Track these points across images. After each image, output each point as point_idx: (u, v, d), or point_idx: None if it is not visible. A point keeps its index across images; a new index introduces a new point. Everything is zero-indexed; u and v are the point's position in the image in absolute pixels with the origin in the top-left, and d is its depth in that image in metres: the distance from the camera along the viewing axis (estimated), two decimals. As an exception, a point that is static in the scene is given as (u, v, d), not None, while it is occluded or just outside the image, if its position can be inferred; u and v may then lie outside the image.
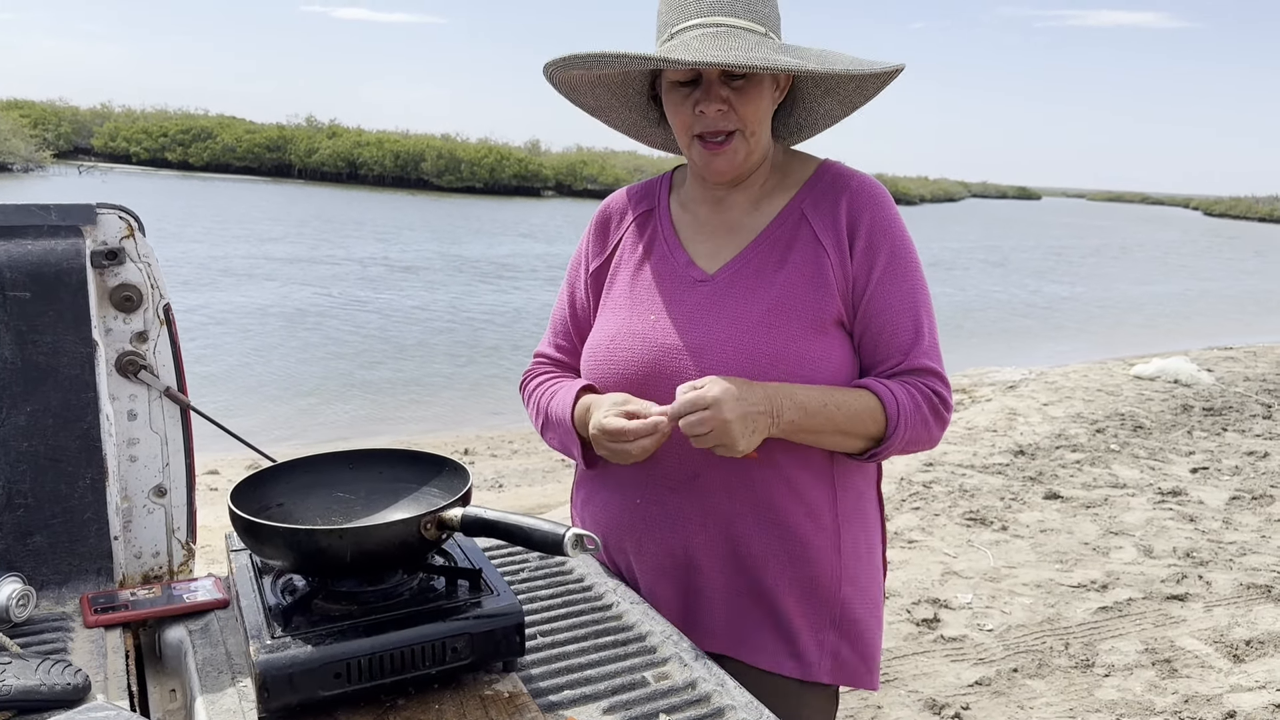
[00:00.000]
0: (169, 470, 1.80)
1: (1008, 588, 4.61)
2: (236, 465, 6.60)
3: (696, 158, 1.57)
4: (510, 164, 61.71)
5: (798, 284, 1.54)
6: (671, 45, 1.51)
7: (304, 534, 1.23)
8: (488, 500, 6.07)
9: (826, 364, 1.52)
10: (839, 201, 1.59)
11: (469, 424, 8.87)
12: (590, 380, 1.66)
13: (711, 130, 1.52)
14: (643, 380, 1.58)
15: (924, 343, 1.56)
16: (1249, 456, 7.17)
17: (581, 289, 1.77)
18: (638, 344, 1.60)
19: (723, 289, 1.58)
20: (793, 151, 1.71)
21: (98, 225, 1.68)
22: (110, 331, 1.72)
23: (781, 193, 1.63)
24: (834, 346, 1.54)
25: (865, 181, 1.61)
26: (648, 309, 1.63)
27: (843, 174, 1.63)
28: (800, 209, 1.60)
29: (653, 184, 1.78)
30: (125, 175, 49.47)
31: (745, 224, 1.63)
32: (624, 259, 1.72)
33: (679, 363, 1.56)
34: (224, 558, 1.46)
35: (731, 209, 1.65)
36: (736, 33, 1.49)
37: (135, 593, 1.50)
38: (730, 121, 1.51)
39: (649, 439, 1.47)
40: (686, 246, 1.66)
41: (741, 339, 1.53)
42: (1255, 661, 3.91)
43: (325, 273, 18.21)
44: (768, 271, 1.57)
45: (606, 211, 1.78)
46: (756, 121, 1.54)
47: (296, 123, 67.87)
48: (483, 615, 1.27)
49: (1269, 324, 17.42)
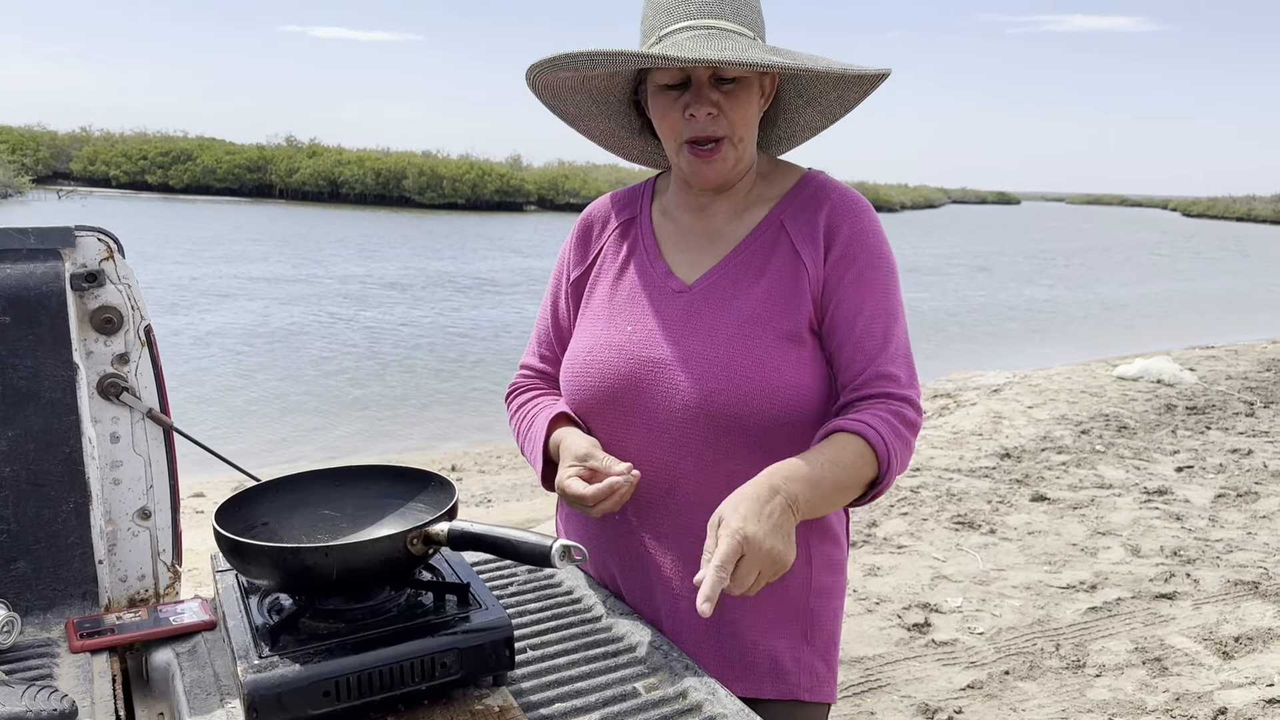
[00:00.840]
0: (153, 493, 1.79)
1: (997, 590, 4.62)
2: (222, 487, 6.56)
3: (685, 165, 1.54)
4: (492, 179, 61.76)
5: (774, 296, 1.52)
6: (662, 47, 1.48)
7: (289, 552, 1.22)
8: (476, 516, 6.05)
9: (800, 378, 1.50)
10: (819, 213, 1.56)
11: (456, 440, 8.85)
12: (568, 394, 1.64)
13: (702, 135, 1.49)
14: (619, 394, 1.56)
15: (890, 348, 1.51)
16: (1233, 454, 7.21)
17: (563, 299, 1.75)
18: (614, 356, 1.58)
19: (699, 300, 1.56)
20: (778, 160, 1.69)
21: (76, 248, 1.67)
22: (91, 354, 1.71)
23: (763, 203, 1.61)
24: (808, 360, 1.51)
25: (847, 194, 1.59)
26: (625, 320, 1.60)
27: (825, 185, 1.60)
28: (780, 220, 1.58)
29: (636, 190, 1.76)
30: (105, 199, 49.29)
31: (726, 233, 1.60)
32: (605, 268, 1.69)
33: (655, 376, 1.53)
34: (210, 579, 1.46)
35: (714, 216, 1.62)
36: (727, 35, 1.48)
37: (121, 616, 1.49)
38: (720, 126, 1.49)
39: (608, 501, 1.45)
40: (666, 256, 1.63)
41: (716, 353, 1.50)
42: (1244, 658, 3.93)
43: (308, 292, 18.17)
44: (745, 283, 1.55)
45: (589, 219, 1.76)
46: (745, 126, 1.52)
47: (277, 143, 67.81)
48: (471, 630, 1.27)
49: (1250, 322, 17.55)
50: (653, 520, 1.58)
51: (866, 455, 1.42)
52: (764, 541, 1.27)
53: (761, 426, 1.49)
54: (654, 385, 1.53)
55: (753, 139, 1.57)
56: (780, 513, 1.31)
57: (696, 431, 1.51)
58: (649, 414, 1.54)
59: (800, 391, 1.49)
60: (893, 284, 1.56)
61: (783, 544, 1.29)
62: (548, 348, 1.78)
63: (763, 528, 1.28)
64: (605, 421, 1.60)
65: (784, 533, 1.30)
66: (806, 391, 1.50)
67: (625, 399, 1.56)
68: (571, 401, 1.65)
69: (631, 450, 1.57)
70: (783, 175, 1.65)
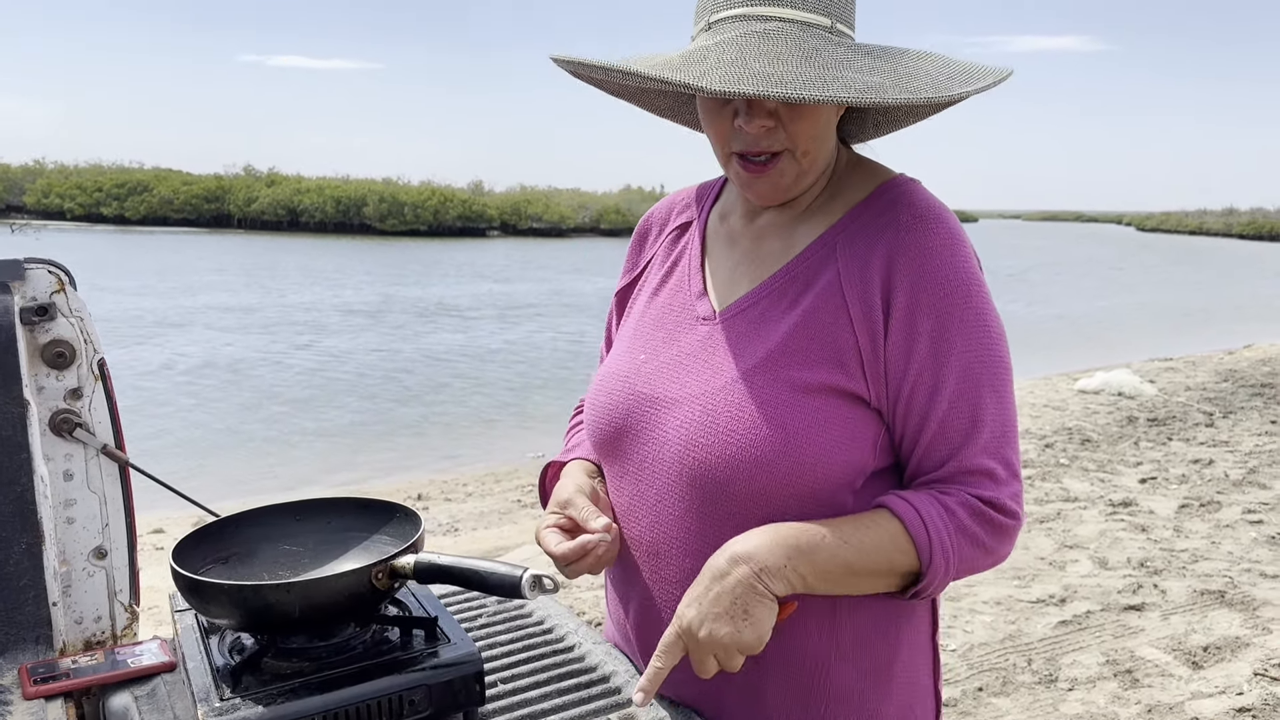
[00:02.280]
0: (109, 531, 1.74)
1: (968, 606, 4.63)
2: (181, 523, 6.45)
3: (735, 177, 1.28)
4: (454, 205, 61.80)
5: (799, 338, 1.22)
6: (703, 49, 1.16)
7: (250, 590, 1.19)
8: (443, 546, 5.99)
9: (814, 436, 1.18)
10: (878, 240, 1.22)
11: (421, 468, 8.77)
12: (585, 427, 1.45)
13: (753, 150, 1.21)
14: (613, 435, 1.35)
15: (984, 435, 1.19)
16: (1195, 464, 7.29)
17: (614, 313, 1.54)
18: (617, 389, 1.35)
19: (721, 332, 1.29)
20: (861, 159, 1.35)
21: (26, 281, 1.63)
22: (43, 390, 1.66)
23: (824, 216, 1.29)
24: (832, 418, 1.20)
25: (923, 218, 1.22)
26: (642, 346, 1.37)
27: (897, 202, 1.25)
28: (834, 243, 1.26)
29: (705, 188, 1.48)
30: (60, 232, 48.77)
31: (771, 253, 1.31)
32: (649, 279, 1.45)
33: (648, 418, 1.30)
34: (169, 619, 1.41)
35: (765, 228, 1.34)
36: (789, 31, 1.15)
37: (77, 660, 1.44)
38: (777, 140, 1.20)
39: (583, 562, 1.27)
40: (709, 271, 1.37)
41: (713, 396, 1.24)
42: (1214, 667, 3.95)
43: (267, 321, 18.02)
44: (773, 317, 1.26)
45: (648, 221, 1.53)
46: (811, 139, 1.21)
47: (235, 172, 67.47)
48: (440, 665, 1.24)
49: (1205, 334, 17.83)
50: (640, 587, 1.37)
51: (900, 541, 1.16)
52: (700, 628, 1.13)
53: (751, 497, 1.21)
54: (646, 429, 1.30)
55: (825, 149, 1.26)
56: (739, 589, 1.13)
57: (678, 492, 1.27)
58: (638, 463, 1.32)
59: (815, 454, 1.19)
60: (983, 342, 1.21)
61: (731, 626, 1.12)
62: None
63: (704, 612, 1.14)
64: (605, 464, 1.40)
65: (738, 611, 1.12)
66: (827, 456, 1.19)
67: (619, 441, 1.34)
68: (588, 435, 1.44)
69: (623, 502, 1.36)
70: (860, 180, 1.31)
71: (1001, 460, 1.21)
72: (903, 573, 1.19)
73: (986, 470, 1.20)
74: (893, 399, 1.21)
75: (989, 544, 1.21)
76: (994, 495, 1.19)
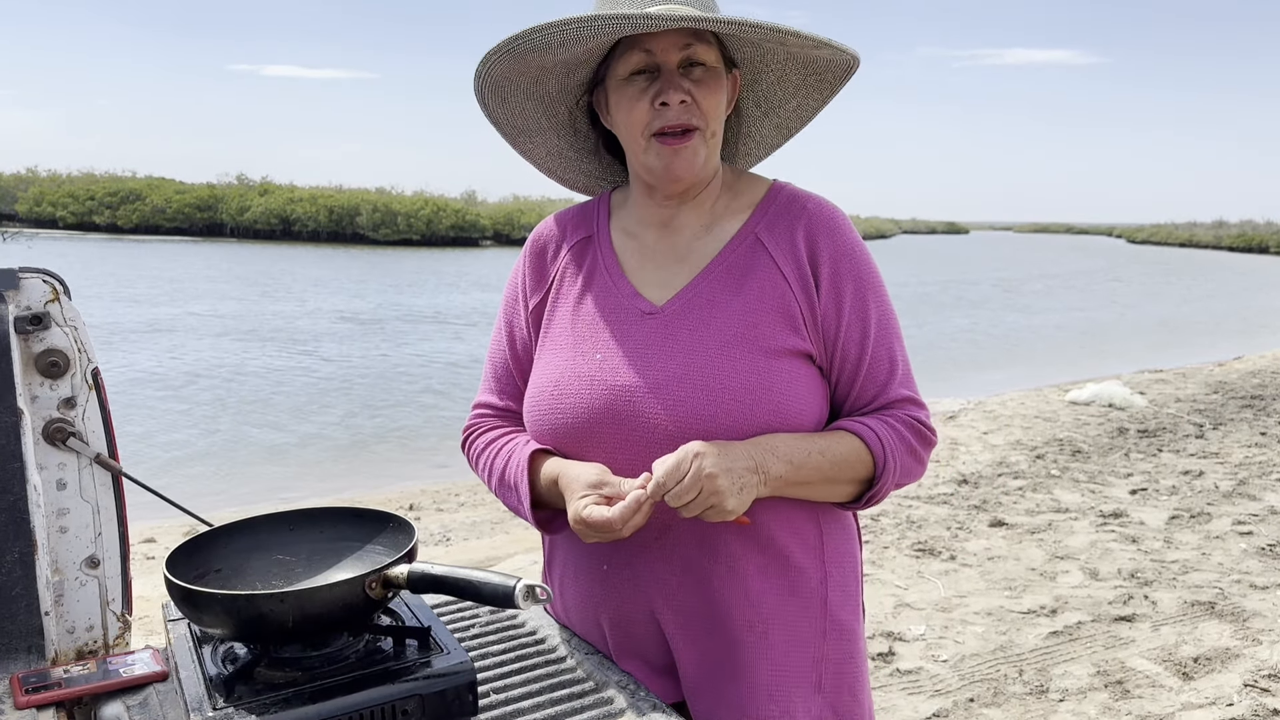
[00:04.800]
0: (102, 540, 1.74)
1: (959, 617, 4.63)
2: (174, 532, 6.43)
3: (654, 160, 1.44)
4: (447, 215, 61.80)
5: (757, 313, 1.43)
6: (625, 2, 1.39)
7: (243, 600, 1.19)
8: (435, 556, 5.97)
9: (792, 394, 1.41)
10: (795, 227, 1.48)
11: (413, 478, 8.75)
12: (537, 430, 1.52)
13: (675, 124, 1.40)
14: (595, 427, 1.44)
15: (899, 372, 1.48)
16: (1185, 476, 7.31)
17: (522, 327, 1.61)
18: (585, 387, 1.46)
19: (673, 320, 1.46)
20: (741, 172, 1.60)
21: (20, 290, 1.63)
22: (36, 399, 1.66)
23: (733, 216, 1.52)
24: (799, 376, 1.43)
25: (821, 205, 1.51)
26: (592, 347, 1.48)
27: (797, 196, 1.52)
28: (755, 233, 1.49)
29: (589, 208, 1.64)
30: (52, 240, 48.61)
31: (696, 250, 1.51)
32: (563, 292, 1.57)
33: (633, 404, 1.42)
34: (162, 628, 1.41)
35: (680, 232, 1.53)
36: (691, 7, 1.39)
37: (69, 670, 1.44)
38: (693, 115, 1.40)
39: (638, 517, 1.33)
40: (631, 276, 1.53)
41: (699, 373, 1.40)
42: (1204, 678, 3.96)
43: (259, 330, 17.97)
44: (722, 300, 1.45)
45: (540, 241, 1.63)
46: (716, 119, 1.44)
47: (228, 181, 67.39)
48: (433, 675, 1.24)
49: (1195, 346, 17.89)
50: (648, 565, 1.48)
51: (860, 453, 1.41)
52: (709, 468, 1.28)
53: None
54: (632, 414, 1.42)
55: (719, 139, 1.48)
56: (744, 470, 1.31)
57: None
58: (630, 445, 1.43)
59: (795, 410, 1.41)
60: (884, 298, 1.50)
61: (728, 485, 1.29)
62: (507, 382, 1.64)
63: (718, 464, 1.29)
64: (582, 457, 1.47)
65: (735, 482, 1.30)
66: (803, 410, 1.42)
67: (602, 431, 1.44)
68: (542, 438, 1.52)
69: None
70: (749, 186, 1.56)
71: (914, 390, 1.51)
72: (858, 481, 1.44)
73: (909, 398, 1.49)
74: (829, 351, 1.47)
75: (922, 454, 1.49)
76: (921, 415, 1.49)
